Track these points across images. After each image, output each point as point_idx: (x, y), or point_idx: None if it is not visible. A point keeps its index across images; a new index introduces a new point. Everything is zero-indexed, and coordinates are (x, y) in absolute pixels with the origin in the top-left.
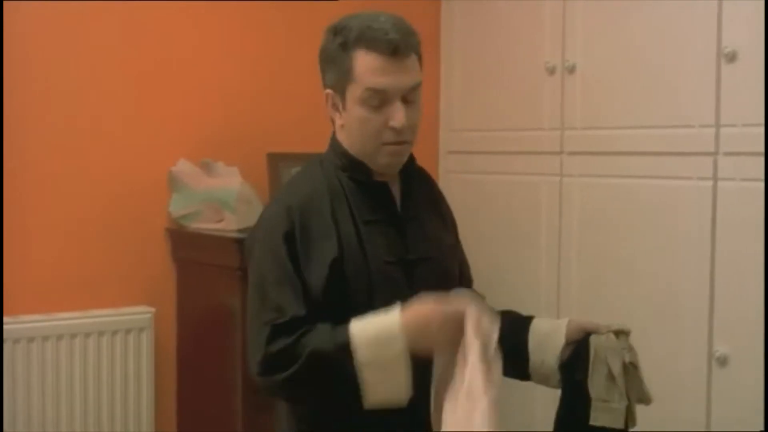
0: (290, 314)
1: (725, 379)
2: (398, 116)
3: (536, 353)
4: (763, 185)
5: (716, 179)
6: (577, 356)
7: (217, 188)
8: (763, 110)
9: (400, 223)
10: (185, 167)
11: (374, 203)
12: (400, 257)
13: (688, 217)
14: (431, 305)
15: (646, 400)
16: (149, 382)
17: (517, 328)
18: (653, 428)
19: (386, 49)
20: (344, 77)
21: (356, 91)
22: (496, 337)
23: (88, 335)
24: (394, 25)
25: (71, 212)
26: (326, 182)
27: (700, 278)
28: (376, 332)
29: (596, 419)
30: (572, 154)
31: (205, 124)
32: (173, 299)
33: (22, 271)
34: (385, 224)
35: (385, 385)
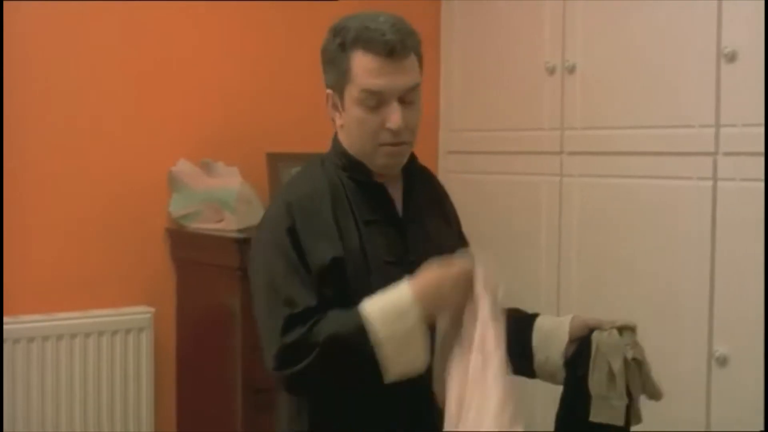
0: (302, 305)
1: (725, 379)
2: (394, 117)
3: (540, 350)
4: (763, 185)
5: (716, 179)
6: (579, 353)
7: (217, 188)
8: (763, 110)
9: (400, 223)
10: (185, 167)
11: (374, 203)
12: (400, 257)
13: (688, 217)
14: (438, 270)
15: (656, 395)
16: (149, 382)
17: (521, 325)
18: (653, 428)
19: (383, 50)
20: (343, 78)
21: (353, 91)
22: (501, 294)
23: (88, 335)
24: (392, 25)
25: (71, 212)
26: (327, 181)
27: (700, 278)
28: (390, 307)
29: (596, 416)
30: (572, 154)
31: (205, 124)
32: (173, 299)
33: (22, 271)
34: (385, 224)
35: (404, 357)
